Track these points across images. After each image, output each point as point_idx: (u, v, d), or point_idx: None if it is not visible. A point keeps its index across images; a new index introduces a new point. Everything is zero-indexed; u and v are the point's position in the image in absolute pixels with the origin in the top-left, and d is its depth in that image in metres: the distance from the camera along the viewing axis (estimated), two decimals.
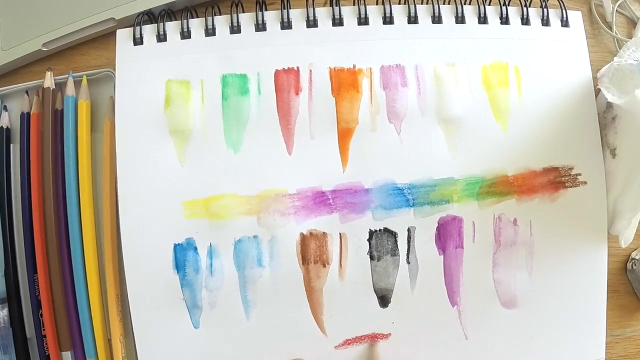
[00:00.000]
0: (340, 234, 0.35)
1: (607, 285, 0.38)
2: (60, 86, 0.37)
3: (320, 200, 0.35)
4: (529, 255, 0.36)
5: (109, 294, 0.35)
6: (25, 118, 0.36)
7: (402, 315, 0.36)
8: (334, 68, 0.35)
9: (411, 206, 0.35)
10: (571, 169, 0.37)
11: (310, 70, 0.35)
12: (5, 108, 0.37)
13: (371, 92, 0.35)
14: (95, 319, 0.35)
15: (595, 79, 0.37)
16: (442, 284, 0.36)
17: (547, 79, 0.37)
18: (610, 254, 0.38)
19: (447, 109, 0.36)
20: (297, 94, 0.35)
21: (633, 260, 0.39)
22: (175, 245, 0.35)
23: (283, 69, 0.35)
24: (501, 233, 0.36)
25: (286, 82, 0.35)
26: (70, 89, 0.36)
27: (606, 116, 0.36)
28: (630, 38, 0.40)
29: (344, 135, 0.35)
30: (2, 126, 0.37)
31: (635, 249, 0.39)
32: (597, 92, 0.37)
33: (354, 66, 0.36)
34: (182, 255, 0.35)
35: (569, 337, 0.37)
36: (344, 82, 0.35)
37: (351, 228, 0.35)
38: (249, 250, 0.35)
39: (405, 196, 0.35)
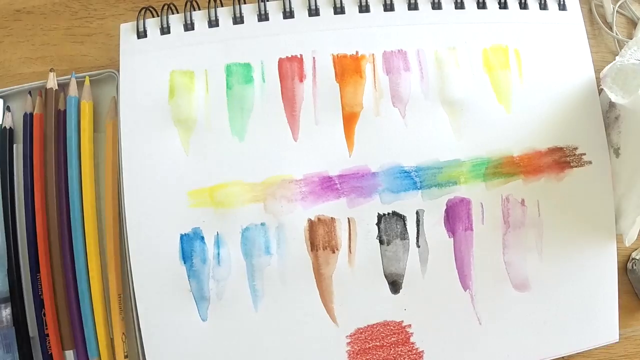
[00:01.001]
0: (348, 218, 0.35)
1: None
2: (63, 87, 0.37)
3: (327, 185, 0.35)
4: (538, 237, 0.36)
5: (111, 293, 0.35)
6: (28, 119, 0.36)
7: (414, 301, 0.35)
8: (337, 55, 0.36)
9: (419, 189, 0.35)
10: (575, 148, 0.37)
11: (314, 58, 0.36)
12: (8, 109, 0.37)
13: (374, 77, 0.36)
14: (97, 319, 0.35)
15: (595, 62, 0.38)
16: (453, 268, 0.35)
17: (547, 61, 0.37)
18: None
19: (449, 91, 0.36)
20: (301, 80, 0.35)
21: (633, 260, 0.38)
22: (182, 236, 0.34)
23: (287, 57, 0.36)
24: (510, 214, 0.36)
25: (290, 69, 0.36)
26: (72, 90, 0.36)
27: (609, 116, 0.37)
28: (631, 38, 0.40)
29: (349, 120, 0.35)
30: (5, 127, 0.36)
31: (636, 249, 0.39)
32: (600, 91, 0.37)
33: (357, 52, 0.36)
34: (189, 245, 0.34)
35: (582, 319, 0.36)
36: (348, 68, 0.36)
37: (359, 212, 0.35)
38: (257, 238, 0.34)
39: (412, 179, 0.35)
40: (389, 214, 0.35)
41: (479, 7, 0.37)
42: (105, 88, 0.37)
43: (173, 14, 0.37)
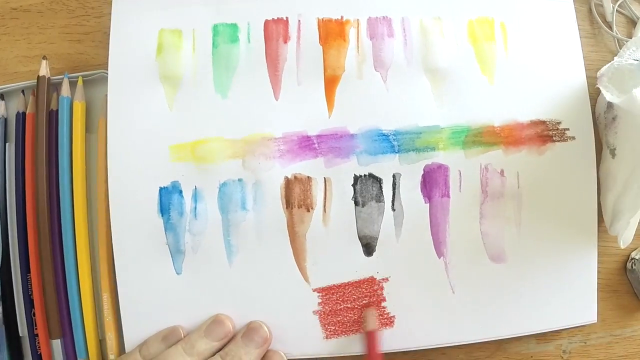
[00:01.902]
0: (325, 178, 0.35)
1: (607, 285, 0.38)
2: (56, 86, 0.37)
3: (306, 144, 0.35)
4: (516, 209, 0.36)
5: (101, 293, 0.35)
6: (21, 118, 0.36)
7: (387, 265, 0.35)
8: (322, 19, 0.36)
9: (396, 152, 0.35)
10: (559, 123, 0.36)
11: (299, 21, 0.36)
12: (2, 97, 0.37)
13: (358, 41, 0.36)
14: (86, 319, 0.35)
15: (594, 61, 0.38)
16: (428, 234, 0.35)
17: (533, 35, 0.37)
18: (610, 254, 0.38)
19: (433, 60, 0.36)
20: (285, 42, 0.36)
21: (633, 260, 0.38)
22: (161, 189, 0.35)
23: (273, 19, 0.36)
24: (488, 183, 0.36)
25: (275, 31, 0.36)
26: (65, 90, 0.36)
27: (606, 116, 0.36)
28: (631, 38, 0.40)
29: (330, 81, 0.36)
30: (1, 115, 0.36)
31: (635, 249, 0.38)
32: (598, 92, 0.37)
33: (342, 17, 0.36)
34: (167, 198, 0.35)
35: (559, 297, 0.36)
36: (332, 32, 0.36)
37: (336, 173, 0.35)
38: (233, 193, 0.35)
39: (390, 142, 0.35)
40: (365, 175, 0.35)
41: None
42: (98, 88, 0.37)
43: None
